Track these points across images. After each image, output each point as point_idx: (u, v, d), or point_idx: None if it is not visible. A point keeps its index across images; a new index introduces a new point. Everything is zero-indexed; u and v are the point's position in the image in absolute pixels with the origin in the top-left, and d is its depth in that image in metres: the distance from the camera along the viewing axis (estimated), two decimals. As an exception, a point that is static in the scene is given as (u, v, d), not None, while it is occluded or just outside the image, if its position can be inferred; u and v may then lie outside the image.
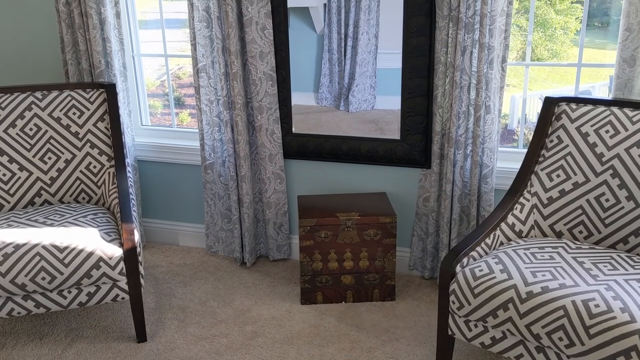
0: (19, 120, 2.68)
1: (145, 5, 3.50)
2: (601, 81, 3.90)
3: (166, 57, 3.26)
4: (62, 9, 2.92)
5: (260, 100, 2.87)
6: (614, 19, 2.91)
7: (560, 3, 3.89)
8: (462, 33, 2.47)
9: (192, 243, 3.40)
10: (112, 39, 2.95)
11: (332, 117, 2.92)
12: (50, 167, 2.69)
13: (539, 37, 4.00)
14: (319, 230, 2.67)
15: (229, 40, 2.77)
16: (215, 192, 3.11)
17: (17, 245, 2.19)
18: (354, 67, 2.81)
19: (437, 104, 2.66)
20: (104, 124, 2.76)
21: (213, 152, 3.04)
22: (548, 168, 2.34)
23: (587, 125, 2.28)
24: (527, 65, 2.77)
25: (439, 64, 2.60)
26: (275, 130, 2.94)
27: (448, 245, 2.79)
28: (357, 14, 2.72)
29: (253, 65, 2.82)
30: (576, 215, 2.26)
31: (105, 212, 2.55)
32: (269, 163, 2.98)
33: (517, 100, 4.17)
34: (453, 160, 2.66)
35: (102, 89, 2.79)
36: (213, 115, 2.97)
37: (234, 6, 2.72)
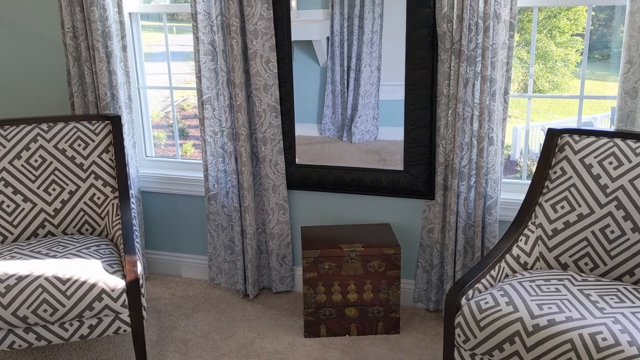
0: (25, 151, 2.69)
1: (151, 38, 3.56)
2: (603, 112, 3.93)
3: (171, 90, 3.29)
4: (69, 42, 2.96)
5: (264, 131, 2.89)
6: (614, 51, 2.94)
7: (561, 36, 3.95)
8: (464, 66, 2.50)
9: (194, 275, 3.38)
10: (118, 72, 2.99)
11: (335, 148, 2.93)
12: (55, 199, 2.70)
13: (540, 69, 4.05)
14: (323, 261, 2.66)
15: (234, 73, 2.80)
16: (218, 223, 3.10)
17: (19, 277, 2.18)
18: (356, 99, 2.83)
19: (440, 135, 2.67)
20: (108, 155, 2.77)
21: (217, 183, 3.04)
22: (552, 199, 2.33)
23: (591, 157, 2.28)
24: (529, 97, 2.79)
25: (442, 96, 2.62)
26: (279, 161, 2.95)
27: (453, 277, 2.77)
28: (360, 47, 2.75)
29: (257, 97, 2.85)
30: (581, 247, 2.24)
31: (108, 244, 2.55)
32: (272, 194, 2.99)
33: (519, 132, 4.19)
34: (457, 192, 2.66)
35: (108, 121, 2.81)
36: (217, 147, 2.99)
37: (239, 40, 2.76)
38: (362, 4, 2.70)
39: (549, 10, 3.75)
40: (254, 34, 2.75)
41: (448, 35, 2.53)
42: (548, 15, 3.78)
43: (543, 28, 3.86)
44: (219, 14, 2.77)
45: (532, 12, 3.07)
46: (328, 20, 2.77)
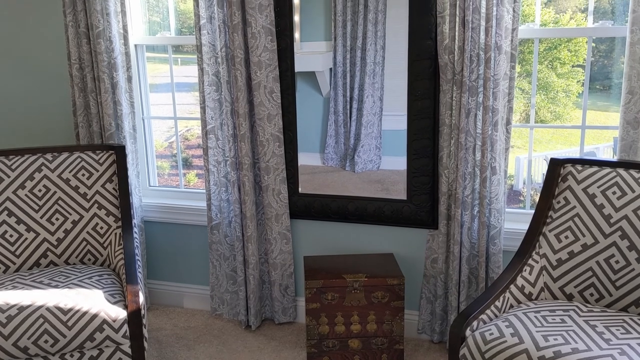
0: (29, 181, 2.70)
1: (156, 69, 3.61)
2: (605, 142, 3.94)
3: (175, 120, 3.32)
4: (76, 74, 3.00)
5: (268, 160, 2.90)
6: (615, 82, 2.96)
7: (561, 67, 3.98)
8: (466, 96, 2.52)
9: (196, 305, 3.35)
10: (123, 102, 3.02)
11: (338, 177, 2.94)
12: (58, 228, 2.70)
13: (541, 99, 4.07)
14: (326, 292, 2.64)
15: (238, 103, 2.83)
16: (220, 252, 3.09)
17: (21, 307, 2.17)
18: (359, 129, 2.85)
19: (442, 165, 2.68)
20: (112, 185, 2.78)
21: (220, 213, 3.04)
22: (556, 229, 2.33)
23: (594, 187, 2.28)
24: (531, 127, 2.80)
25: (444, 126, 2.63)
26: (282, 190, 2.95)
27: (457, 308, 2.74)
28: (362, 78, 2.78)
29: (261, 127, 2.87)
30: (586, 277, 2.23)
31: (110, 274, 2.54)
32: (275, 223, 2.98)
33: (522, 161, 4.20)
34: (460, 221, 2.65)
35: (112, 151, 2.82)
36: (220, 176, 3.00)
37: (243, 71, 2.79)
38: (365, 37, 2.74)
39: (550, 42, 3.80)
40: (258, 65, 2.78)
41: (450, 66, 2.55)
42: (549, 47, 3.83)
43: (544, 59, 3.91)
44: (223, 46, 2.81)
45: (532, 43, 3.11)
46: (331, 52, 2.81)
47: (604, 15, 3.04)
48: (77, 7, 2.92)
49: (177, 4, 3.43)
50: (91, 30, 2.92)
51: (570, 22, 3.47)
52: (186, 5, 3.52)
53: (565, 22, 3.50)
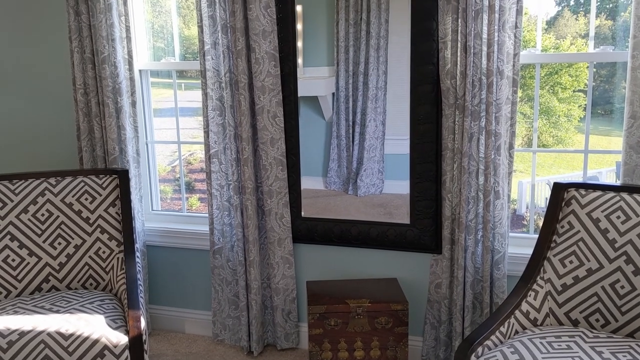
0: (32, 205, 2.70)
1: (160, 94, 3.63)
2: (607, 167, 3.94)
3: (179, 144, 3.33)
4: (80, 99, 3.02)
5: (270, 184, 2.91)
6: (617, 106, 2.98)
7: (563, 92, 4.00)
8: (468, 120, 2.52)
9: (198, 331, 3.32)
10: (127, 127, 3.03)
11: (340, 201, 2.93)
12: (60, 253, 2.69)
13: (543, 124, 4.09)
14: (329, 317, 2.62)
15: (241, 128, 2.84)
16: (223, 277, 3.07)
17: (22, 333, 2.15)
18: (361, 153, 2.85)
19: (445, 189, 2.67)
20: (115, 209, 2.78)
21: (222, 237, 3.04)
22: (560, 254, 2.31)
23: (598, 211, 2.27)
24: (533, 151, 2.80)
25: (447, 150, 2.64)
26: (285, 214, 2.95)
27: (462, 333, 2.71)
28: (365, 102, 2.80)
29: (264, 151, 2.88)
30: (592, 302, 2.21)
31: (112, 299, 2.52)
32: (277, 247, 2.97)
33: (524, 186, 4.20)
34: (464, 246, 2.64)
35: (115, 175, 2.83)
36: (223, 200, 3.00)
37: (247, 96, 2.81)
38: (367, 62, 2.76)
39: (551, 67, 3.83)
40: (262, 90, 2.80)
41: (452, 91, 2.57)
42: (549, 72, 3.86)
43: (545, 84, 3.93)
44: (227, 71, 2.83)
45: (533, 68, 3.13)
46: (333, 77, 2.83)
47: (604, 40, 3.07)
48: (82, 33, 2.95)
49: (181, 30, 3.47)
50: (96, 56, 2.95)
51: (571, 47, 3.50)
52: (190, 31, 3.56)
53: (565, 47, 3.53)
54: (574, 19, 3.45)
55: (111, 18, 2.90)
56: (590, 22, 2.59)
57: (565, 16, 3.43)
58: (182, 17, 3.56)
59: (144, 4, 3.22)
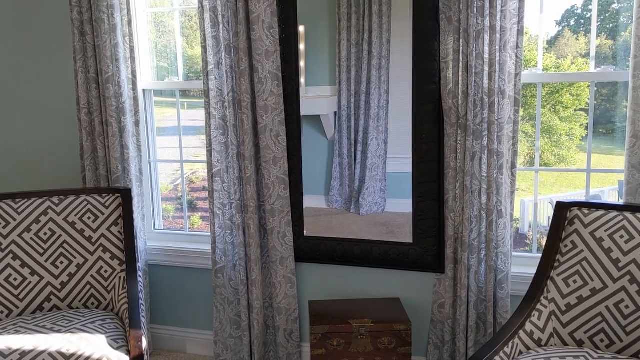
0: (35, 224, 2.71)
1: (163, 113, 3.65)
2: (610, 186, 3.94)
3: (182, 163, 3.34)
4: (84, 118, 3.04)
5: (273, 203, 2.91)
6: (619, 125, 2.99)
7: (564, 111, 4.02)
8: (470, 140, 2.53)
9: (199, 351, 3.30)
10: (130, 146, 3.05)
11: (343, 220, 2.93)
12: (62, 272, 2.68)
13: (545, 143, 4.10)
14: (331, 337, 2.60)
15: (244, 147, 2.85)
16: (225, 297, 3.06)
17: (23, 353, 2.14)
18: (364, 171, 2.86)
19: (448, 208, 2.67)
20: (117, 228, 2.78)
21: (224, 256, 3.03)
22: (564, 274, 2.30)
23: (601, 230, 2.27)
24: (536, 170, 2.81)
25: (449, 169, 2.64)
26: (287, 233, 2.94)
27: (465, 354, 2.69)
28: (367, 121, 2.81)
29: (266, 170, 2.88)
30: (596, 322, 2.19)
31: (113, 318, 2.51)
32: (280, 266, 2.96)
33: (526, 205, 4.19)
34: (467, 265, 2.63)
35: (118, 194, 2.83)
36: (226, 219, 3.00)
37: (250, 115, 2.83)
38: (369, 81, 2.78)
39: (552, 86, 3.85)
40: (264, 109, 2.82)
41: (454, 110, 2.58)
42: (551, 91, 3.88)
43: (547, 103, 3.95)
44: (230, 91, 2.85)
45: (535, 88, 3.15)
46: (335, 96, 2.84)
47: (605, 60, 3.09)
48: (87, 53, 2.98)
49: (184, 50, 3.50)
50: (100, 76, 2.97)
51: (572, 66, 3.52)
52: (194, 51, 3.59)
53: (566, 66, 3.55)
54: (574, 38, 3.48)
55: (116, 38, 2.93)
56: (591, 42, 2.61)
57: (565, 36, 3.46)
58: (186, 37, 3.59)
59: (148, 25, 3.26)
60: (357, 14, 2.74)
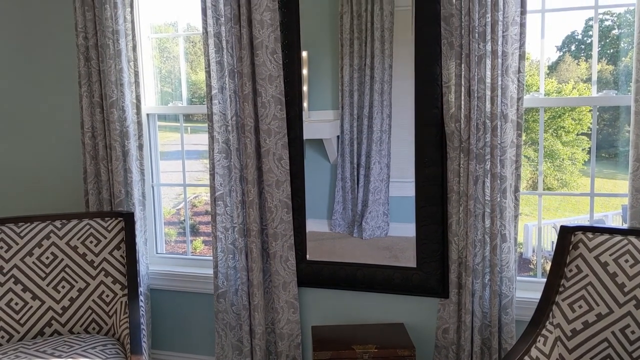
0: (37, 248, 2.70)
1: (166, 137, 3.67)
2: (613, 210, 3.93)
3: (185, 187, 3.34)
4: (88, 142, 3.05)
5: (276, 227, 2.90)
6: (621, 150, 2.99)
7: (566, 135, 4.03)
8: (473, 163, 2.53)
9: (201, 376, 3.27)
10: (134, 170, 3.05)
11: (346, 244, 2.92)
12: (63, 296, 2.67)
13: (547, 167, 4.10)
14: (335, 363, 2.57)
15: (247, 170, 2.86)
16: (226, 322, 3.03)
17: (22, 379, 2.12)
18: (366, 195, 2.86)
19: (452, 232, 2.66)
20: (119, 252, 2.77)
21: (226, 280, 3.01)
22: (569, 298, 2.28)
23: (606, 255, 2.26)
24: (539, 194, 2.80)
25: (452, 193, 2.64)
26: (290, 257, 2.93)
27: (470, 380, 2.66)
28: (369, 145, 2.82)
29: (269, 194, 2.88)
30: (602, 348, 2.17)
31: (114, 343, 2.48)
32: (282, 291, 2.94)
33: (530, 229, 4.18)
34: (471, 290, 2.61)
35: (121, 218, 2.83)
36: (228, 243, 2.99)
37: (253, 138, 2.84)
38: (371, 105, 2.79)
39: (554, 111, 3.87)
40: (268, 133, 2.83)
41: (456, 134, 2.59)
42: (552, 116, 3.89)
43: (549, 127, 3.96)
44: (234, 115, 2.86)
45: (536, 112, 3.16)
46: (338, 120, 2.85)
47: (606, 84, 3.10)
48: (92, 78, 3.00)
49: (188, 75, 3.53)
50: (105, 100, 2.99)
51: (573, 91, 3.54)
52: (197, 76, 3.62)
53: (568, 91, 3.57)
54: (575, 63, 3.50)
55: (120, 63, 2.95)
56: (593, 67, 2.63)
57: (566, 61, 3.49)
58: (190, 62, 3.62)
59: (152, 50, 3.29)
60: (359, 39, 2.77)
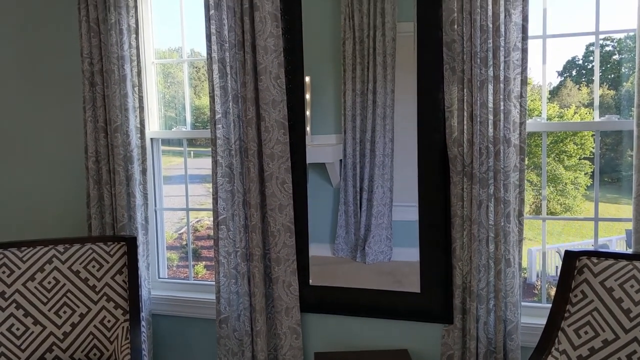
0: (39, 273, 2.69)
1: (169, 162, 3.68)
2: (617, 235, 3.91)
3: (187, 211, 3.34)
4: (91, 166, 3.06)
5: (278, 251, 2.89)
6: (624, 174, 2.99)
7: (568, 160, 4.04)
8: (477, 188, 2.53)
9: (202, 403, 3.22)
10: (137, 194, 3.05)
11: (349, 269, 2.90)
12: (65, 322, 2.65)
13: (550, 191, 4.09)
14: (338, 390, 2.53)
15: (250, 194, 2.86)
16: (229, 348, 3.00)
17: (22, 406, 2.09)
18: (369, 219, 2.85)
19: (456, 257, 2.65)
20: (121, 277, 2.76)
21: (229, 306, 2.99)
22: (575, 324, 2.26)
23: (611, 280, 2.24)
24: (543, 219, 2.79)
25: (456, 217, 2.63)
26: (292, 282, 2.91)
27: (475, 407, 2.62)
28: (372, 169, 2.82)
29: (272, 218, 2.88)
30: (610, 375, 2.14)
31: (116, 369, 2.46)
32: (285, 317, 2.92)
33: (534, 254, 4.15)
34: (476, 316, 2.58)
35: (123, 242, 2.82)
36: (230, 267, 2.97)
37: (256, 163, 2.84)
38: (374, 130, 2.80)
39: (555, 135, 3.88)
40: (271, 157, 2.83)
41: (459, 158, 2.59)
42: (554, 140, 3.91)
43: (551, 152, 3.97)
44: (237, 139, 2.88)
45: (538, 136, 3.17)
46: (341, 144, 2.86)
47: (607, 109, 3.12)
48: (96, 103, 3.03)
49: (192, 100, 3.55)
50: (109, 125, 3.01)
51: (575, 116, 3.56)
52: (201, 101, 3.65)
53: (569, 116, 3.59)
54: (576, 88, 3.52)
55: (125, 89, 2.98)
56: (595, 91, 2.64)
57: (567, 86, 3.51)
58: (193, 87, 3.65)
59: (157, 75, 3.32)
60: (361, 64, 2.80)
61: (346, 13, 2.79)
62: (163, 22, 3.33)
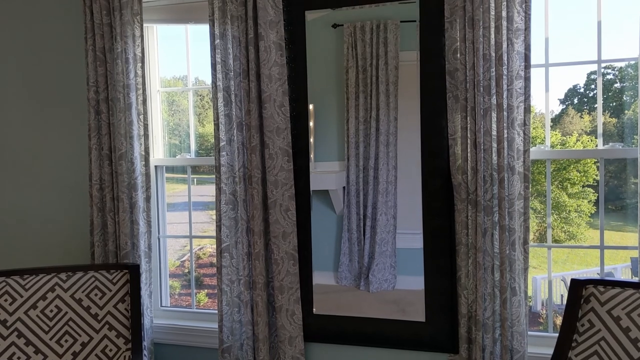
0: (41, 301, 2.67)
1: (173, 189, 3.68)
2: (622, 263, 3.88)
3: (190, 239, 3.33)
4: (95, 194, 3.06)
5: (282, 279, 2.87)
6: (628, 202, 2.99)
7: (572, 187, 4.03)
8: (481, 215, 2.53)
9: None
10: (140, 222, 3.05)
11: (352, 297, 2.88)
12: (66, 351, 2.62)
13: (554, 219, 4.08)
14: (342, 421, 2.49)
15: (254, 221, 2.85)
16: (231, 377, 2.97)
17: None
18: (373, 247, 2.84)
19: (461, 285, 2.63)
20: (124, 305, 2.74)
21: (231, 335, 2.96)
22: (582, 354, 2.23)
23: (618, 309, 2.22)
24: (548, 247, 2.78)
25: (461, 245, 2.62)
26: (296, 311, 2.89)
27: None
28: (375, 196, 2.82)
29: (276, 245, 2.86)
30: (619, 406, 2.10)
31: (117, 400, 2.43)
32: (288, 346, 2.88)
33: (538, 282, 4.12)
34: (482, 345, 2.55)
35: (126, 270, 2.81)
36: (233, 296, 2.95)
37: (260, 190, 2.85)
38: (377, 157, 2.81)
39: (558, 163, 3.88)
40: (275, 184, 2.84)
41: (463, 186, 2.59)
42: (558, 168, 3.90)
43: (554, 179, 3.97)
44: (241, 166, 2.88)
45: (542, 164, 3.18)
46: (344, 171, 2.87)
47: (610, 137, 3.13)
48: (101, 130, 3.04)
49: (196, 127, 3.57)
50: (114, 152, 3.02)
51: (577, 143, 3.57)
52: (204, 128, 3.67)
53: (572, 143, 3.59)
54: (578, 116, 3.54)
55: (130, 117, 3.00)
56: (598, 119, 2.65)
57: (569, 114, 3.52)
58: (197, 115, 3.68)
59: (161, 104, 3.35)
60: (364, 92, 2.82)
61: (349, 42, 2.82)
62: (168, 51, 3.37)
